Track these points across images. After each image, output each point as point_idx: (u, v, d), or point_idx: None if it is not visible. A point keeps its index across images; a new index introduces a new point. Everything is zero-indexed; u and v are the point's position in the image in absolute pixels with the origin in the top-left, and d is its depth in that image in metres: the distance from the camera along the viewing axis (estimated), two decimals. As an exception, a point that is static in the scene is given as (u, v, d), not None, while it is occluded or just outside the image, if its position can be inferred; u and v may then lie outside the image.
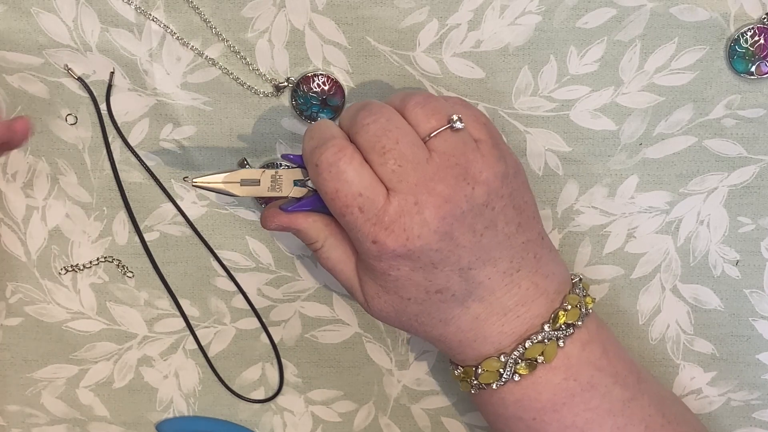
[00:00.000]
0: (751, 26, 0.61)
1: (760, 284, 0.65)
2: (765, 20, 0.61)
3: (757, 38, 0.61)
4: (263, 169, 0.57)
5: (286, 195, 0.57)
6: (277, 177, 0.57)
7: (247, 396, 0.67)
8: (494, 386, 0.56)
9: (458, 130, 0.54)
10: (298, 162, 0.57)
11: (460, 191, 0.53)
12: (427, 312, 0.56)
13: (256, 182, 0.57)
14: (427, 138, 0.54)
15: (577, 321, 0.56)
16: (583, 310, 0.57)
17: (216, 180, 0.56)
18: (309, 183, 0.57)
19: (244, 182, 0.57)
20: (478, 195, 0.53)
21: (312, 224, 0.57)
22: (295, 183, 0.57)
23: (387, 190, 0.53)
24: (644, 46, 0.62)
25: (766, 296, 0.65)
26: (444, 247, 0.53)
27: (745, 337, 0.65)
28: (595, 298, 0.59)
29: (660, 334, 0.66)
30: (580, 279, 0.59)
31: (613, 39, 0.62)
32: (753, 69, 0.62)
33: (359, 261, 0.56)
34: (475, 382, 0.57)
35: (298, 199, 0.57)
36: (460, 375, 0.58)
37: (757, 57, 0.61)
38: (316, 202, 0.57)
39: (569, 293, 0.57)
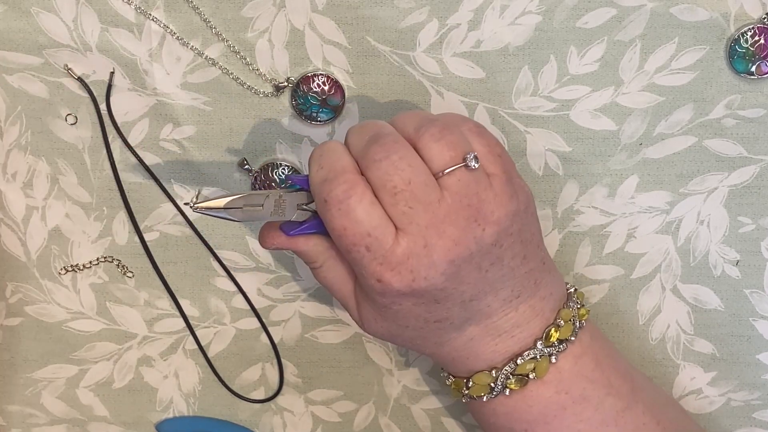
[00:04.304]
0: (751, 26, 0.61)
1: (760, 284, 0.65)
2: (765, 20, 0.61)
3: (757, 38, 0.61)
4: (267, 192, 0.55)
5: (288, 219, 0.55)
6: (281, 201, 0.55)
7: (247, 396, 0.67)
8: (485, 398, 0.57)
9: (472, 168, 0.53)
10: (302, 184, 0.55)
11: (470, 233, 0.52)
12: (423, 336, 0.56)
13: (259, 206, 0.54)
14: (440, 174, 0.52)
15: (570, 336, 0.56)
16: (576, 324, 0.57)
17: (218, 204, 0.54)
18: (312, 206, 0.55)
19: (246, 206, 0.54)
20: (487, 235, 0.53)
21: (313, 247, 0.56)
22: (298, 206, 0.55)
23: (396, 229, 0.52)
24: (644, 46, 0.62)
25: (766, 296, 0.65)
26: (449, 286, 0.53)
27: (745, 337, 0.65)
28: (589, 310, 0.59)
29: (660, 334, 0.66)
30: (575, 289, 0.58)
31: (613, 39, 0.62)
32: (753, 69, 0.62)
33: (359, 286, 0.56)
34: (465, 392, 0.57)
35: (300, 222, 0.56)
36: (452, 384, 0.58)
37: (757, 57, 0.61)
38: (318, 226, 0.55)
39: (563, 308, 0.57)
